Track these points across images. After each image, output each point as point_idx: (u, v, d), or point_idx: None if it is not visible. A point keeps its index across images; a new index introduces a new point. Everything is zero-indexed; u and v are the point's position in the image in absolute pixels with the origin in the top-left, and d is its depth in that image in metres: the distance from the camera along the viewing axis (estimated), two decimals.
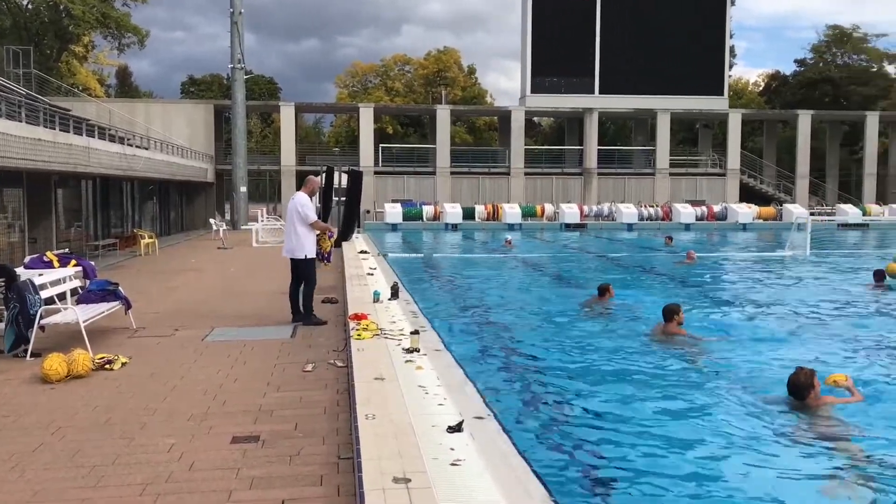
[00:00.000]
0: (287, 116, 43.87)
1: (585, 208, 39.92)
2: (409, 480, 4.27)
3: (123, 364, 7.75)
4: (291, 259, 10.14)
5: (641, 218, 38.76)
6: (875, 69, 65.20)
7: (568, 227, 37.17)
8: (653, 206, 40.84)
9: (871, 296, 14.11)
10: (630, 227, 37.37)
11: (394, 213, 37.21)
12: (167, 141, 32.49)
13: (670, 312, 9.88)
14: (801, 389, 6.48)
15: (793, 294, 15.03)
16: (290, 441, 5.36)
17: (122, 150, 23.14)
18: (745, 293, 15.20)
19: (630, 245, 28.65)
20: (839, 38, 65.00)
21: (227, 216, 39.69)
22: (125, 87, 72.49)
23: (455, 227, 36.37)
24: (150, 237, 22.75)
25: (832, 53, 65.23)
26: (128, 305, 9.81)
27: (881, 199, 46.45)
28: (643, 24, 44.99)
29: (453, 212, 37.36)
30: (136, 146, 26.43)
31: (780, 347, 9.48)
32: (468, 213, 38.11)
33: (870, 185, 47.06)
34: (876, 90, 59.65)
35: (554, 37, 44.80)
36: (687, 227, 37.30)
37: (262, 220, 31.15)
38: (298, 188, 10.59)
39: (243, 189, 36.17)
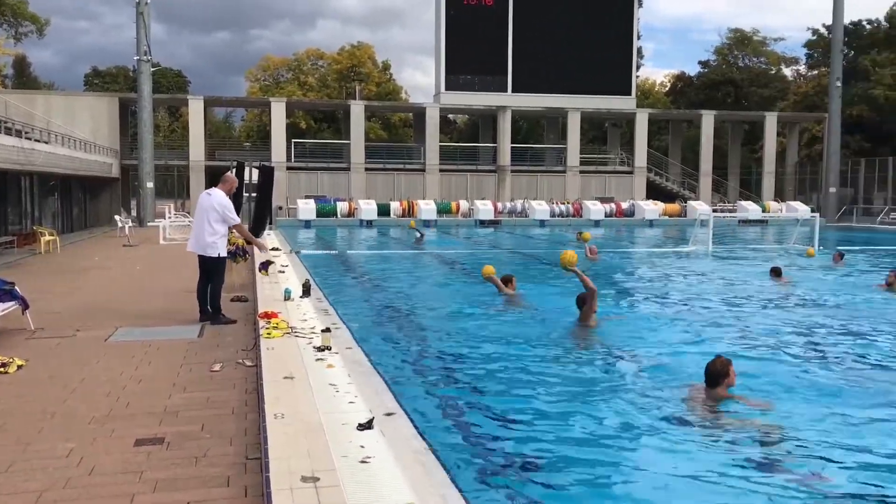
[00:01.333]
0: (196, 110, 42.82)
1: (499, 205, 40.40)
2: (318, 479, 4.25)
3: (20, 367, 7.43)
4: (201, 256, 9.91)
5: (553, 214, 39.50)
6: (774, 71, 68.23)
7: (482, 223, 37.55)
8: (564, 203, 41.66)
9: (769, 290, 14.73)
10: (542, 223, 38.02)
11: (307, 209, 36.82)
12: (69, 135, 31.25)
13: (582, 302, 10.15)
14: (715, 376, 6.71)
15: (695, 287, 15.61)
16: (197, 442, 5.26)
17: (20, 143, 22.13)
18: (651, 286, 15.70)
19: (542, 241, 29.15)
20: (740, 40, 67.71)
21: (133, 213, 38.48)
22: (23, 77, 69.31)
23: (370, 223, 36.26)
24: (51, 234, 21.85)
25: (734, 56, 67.87)
26: (25, 306, 9.41)
27: (779, 196, 48.65)
28: (554, 25, 45.76)
29: (368, 208, 37.24)
30: (36, 140, 25.31)
31: (683, 338, 9.83)
32: (383, 210, 38.04)
33: (769, 183, 49.16)
34: (774, 91, 62.39)
35: (468, 35, 45.12)
36: (597, 223, 38.19)
37: (170, 217, 30.33)
38: (208, 184, 10.37)
39: (150, 185, 35.10)
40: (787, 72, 69.71)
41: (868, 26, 54.49)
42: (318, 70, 73.43)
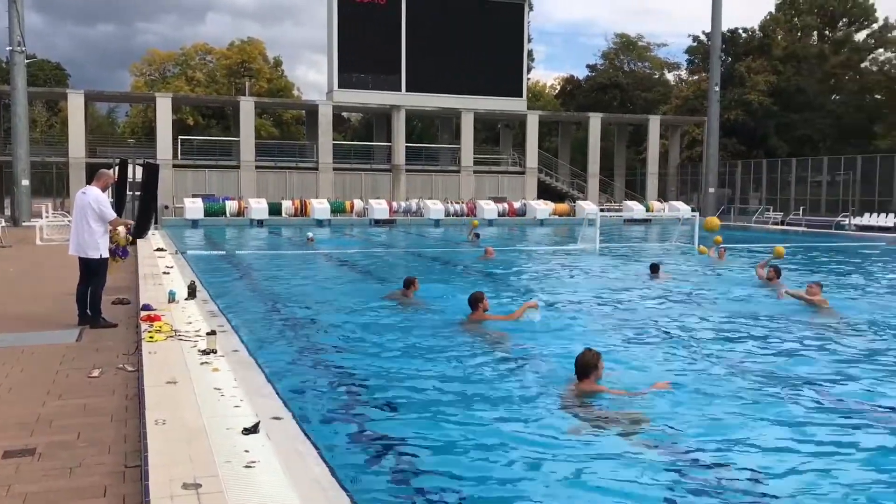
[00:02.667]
0: (76, 105, 40.91)
1: (394, 204, 40.38)
2: (200, 486, 4.15)
3: None
4: (82, 258, 9.49)
5: (448, 214, 39.78)
6: (657, 76, 70.94)
7: (377, 222, 37.45)
8: (458, 203, 42.05)
9: (649, 286, 15.30)
10: (437, 222, 38.25)
11: (194, 208, 35.75)
12: None
13: (475, 301, 10.26)
14: (585, 368, 6.90)
15: (583, 284, 16.05)
16: (72, 452, 5.03)
17: None
18: (542, 284, 16.05)
19: (437, 240, 29.33)
20: (626, 45, 70.09)
21: (8, 212, 36.40)
22: None
23: (261, 223, 35.56)
24: None
25: (620, 60, 70.17)
26: None
27: (662, 196, 50.60)
28: (447, 26, 46.10)
29: (258, 207, 36.50)
30: None
31: (572, 334, 10.07)
32: (274, 209, 37.38)
33: (652, 184, 51.06)
34: (658, 95, 64.85)
35: (361, 33, 44.88)
36: (490, 222, 38.72)
37: (48, 216, 28.86)
38: (89, 182, 9.90)
39: (25, 182, 33.28)
40: (670, 76, 72.67)
41: (744, 34, 57.38)
42: (206, 65, 71.49)
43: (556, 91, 75.27)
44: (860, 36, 61.64)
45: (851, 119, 54.73)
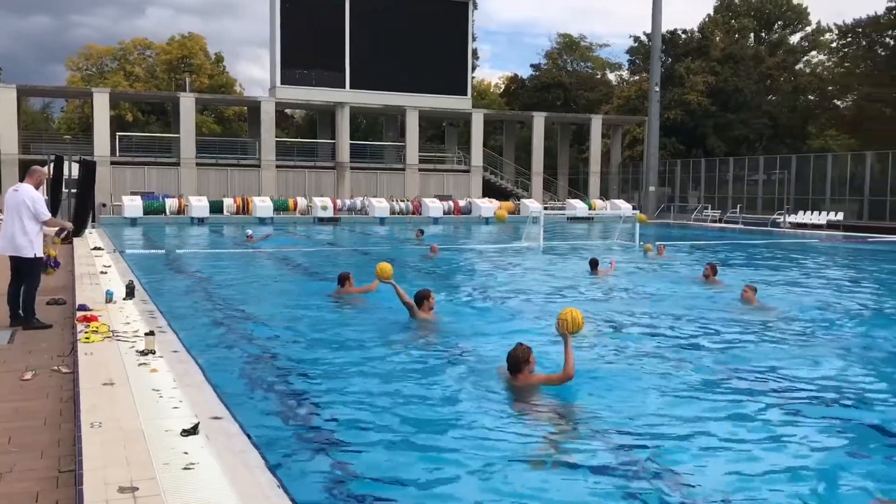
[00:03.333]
0: (7, 100, 39.67)
1: (339, 202, 40.12)
2: (137, 489, 4.07)
3: None
4: (13, 257, 9.20)
5: (393, 212, 39.69)
6: (599, 76, 71.88)
7: (321, 220, 37.16)
8: (404, 201, 41.98)
9: (592, 282, 15.52)
10: (382, 220, 38.13)
11: (133, 206, 34.97)
12: None
13: (421, 298, 10.25)
14: (516, 363, 6.96)
15: (528, 281, 16.18)
16: (2, 458, 4.87)
17: None
18: (487, 281, 16.14)
19: (382, 238, 29.25)
20: (569, 45, 70.84)
21: None
22: None
23: (202, 221, 34.98)
24: None
25: (563, 60, 70.89)
26: None
27: (604, 194, 51.33)
28: (392, 23, 45.99)
29: (199, 205, 35.88)
30: None
31: (516, 330, 10.12)
32: (216, 207, 36.81)
33: (594, 182, 51.74)
34: (600, 95, 65.71)
35: (304, 29, 44.49)
36: (435, 220, 38.75)
37: None
38: (22, 179, 9.60)
39: None
40: (612, 76, 73.70)
41: (683, 36, 58.54)
42: (145, 60, 69.94)
43: (501, 90, 75.71)
44: (794, 38, 63.57)
45: (786, 119, 56.33)
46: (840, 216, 36.84)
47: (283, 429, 6.08)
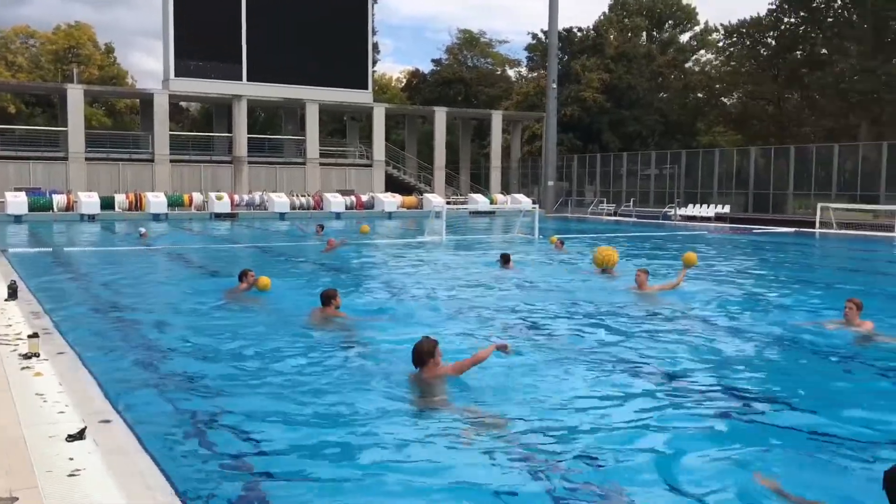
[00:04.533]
0: None
1: (236, 197, 39.26)
2: (17, 499, 3.88)
3: None
4: None
5: (293, 207, 39.15)
6: (499, 72, 72.81)
7: (218, 216, 36.29)
8: (304, 196, 41.45)
9: (498, 276, 15.69)
10: (282, 216, 37.56)
11: (17, 202, 33.24)
12: None
13: (328, 297, 10.11)
14: (421, 356, 6.94)
15: (431, 276, 16.24)
16: None
17: None
18: (390, 277, 16.09)
19: (282, 234, 28.80)
20: (469, 41, 71.45)
21: None
22: None
23: (92, 217, 33.59)
24: None
25: (464, 55, 71.46)
26: None
27: (505, 189, 52.03)
28: (290, 14, 45.26)
29: (89, 201, 34.44)
30: None
31: (421, 325, 10.13)
32: (107, 203, 35.41)
33: (496, 177, 52.39)
34: (500, 91, 66.58)
35: (198, 19, 43.25)
36: (337, 215, 38.44)
37: None
38: None
39: None
40: (511, 73, 74.78)
41: (579, 34, 59.91)
42: (28, 49, 66.55)
43: (403, 84, 75.69)
44: (684, 38, 66.09)
45: (677, 116, 58.51)
46: (727, 209, 38.55)
47: (176, 431, 5.89)
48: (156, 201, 36.09)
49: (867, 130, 44.73)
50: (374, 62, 58.99)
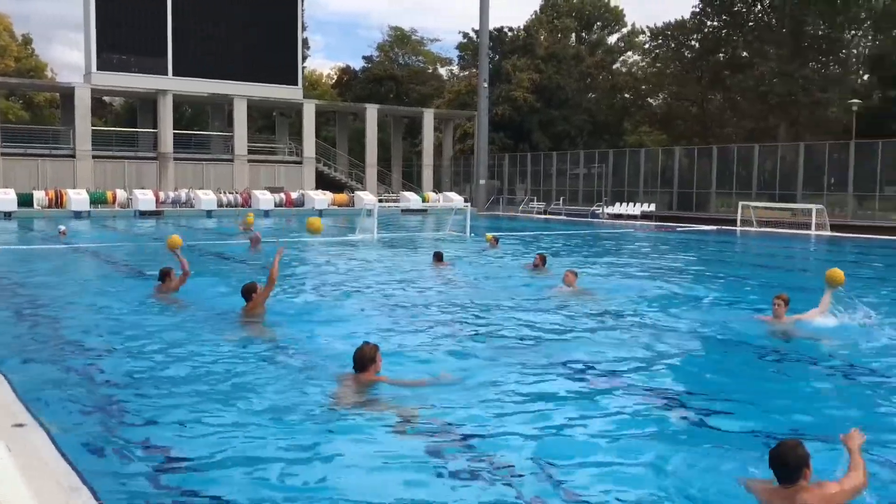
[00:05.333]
0: None
1: (162, 195, 38.35)
2: None
3: None
4: None
5: (221, 205, 38.45)
6: (431, 70, 72.89)
7: (143, 214, 35.39)
8: (232, 193, 40.75)
9: (431, 274, 15.68)
10: (209, 213, 36.84)
11: None
12: None
13: (248, 292, 9.93)
14: (364, 361, 6.88)
15: (363, 274, 16.11)
16: None
17: None
18: (320, 275, 15.92)
19: (209, 232, 28.23)
20: (400, 39, 71.33)
21: None
22: None
23: (8, 215, 32.34)
24: None
25: (395, 53, 71.30)
26: None
27: (437, 187, 52.14)
28: (218, 8, 44.46)
29: (6, 198, 33.16)
30: None
31: (352, 324, 10.05)
32: (25, 200, 34.14)
33: (428, 175, 52.46)
34: (431, 89, 66.68)
35: (122, 11, 42.11)
36: (266, 213, 37.90)
37: None
38: None
39: None
40: (443, 71, 74.96)
41: (510, 33, 60.40)
42: None
43: (334, 81, 75.08)
44: (612, 39, 67.30)
45: (604, 116, 59.56)
46: (652, 207, 39.45)
47: (95, 434, 5.69)
48: (77, 198, 34.97)
49: (785, 132, 46.30)
50: (305, 58, 58.44)
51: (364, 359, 6.87)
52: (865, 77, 51.66)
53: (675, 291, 14.05)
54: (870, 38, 50.97)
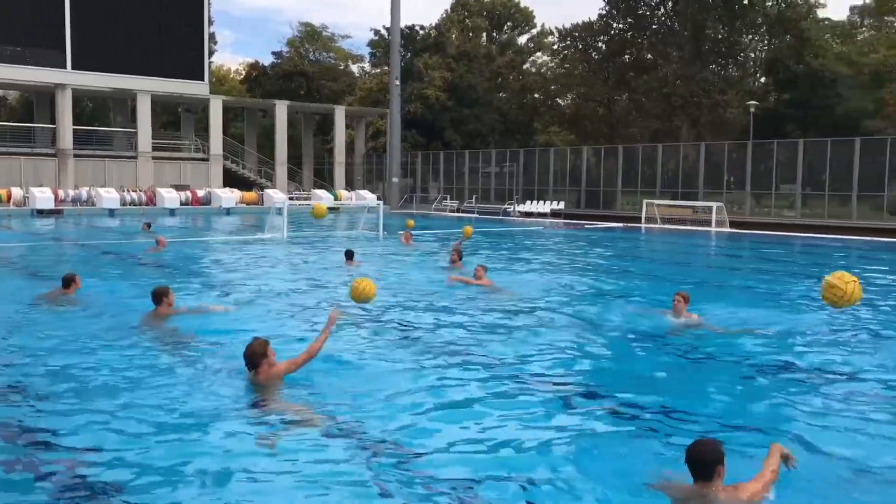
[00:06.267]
0: None
1: (61, 193, 36.80)
2: None
3: None
4: None
5: (124, 203, 37.18)
6: (342, 67, 72.30)
7: (41, 213, 33.90)
8: (136, 191, 39.46)
9: (342, 272, 15.52)
10: (112, 212, 35.58)
11: None
12: None
13: (160, 295, 9.62)
14: (254, 357, 6.76)
15: (270, 274, 15.84)
16: None
17: None
18: (228, 276, 15.58)
19: (111, 232, 27.25)
20: (311, 35, 70.48)
21: None
22: None
23: None
24: None
25: (306, 49, 70.41)
26: None
27: (349, 185, 51.79)
28: (120, 0, 42.94)
29: None
30: None
31: (261, 324, 9.85)
32: None
33: (340, 173, 52.01)
34: (343, 86, 66.16)
35: (17, 0, 40.14)
36: (172, 211, 36.88)
37: None
38: None
39: None
40: (354, 68, 74.47)
41: (421, 31, 60.48)
42: None
43: (242, 76, 73.59)
44: (522, 39, 68.26)
45: (515, 115, 60.33)
46: (562, 205, 40.23)
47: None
48: None
49: (688, 132, 47.96)
50: (212, 53, 57.10)
51: (255, 355, 6.76)
52: (762, 80, 54.08)
53: (583, 287, 14.36)
54: (766, 42, 53.35)
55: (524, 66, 65.93)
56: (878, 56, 49.29)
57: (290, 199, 38.63)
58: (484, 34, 65.78)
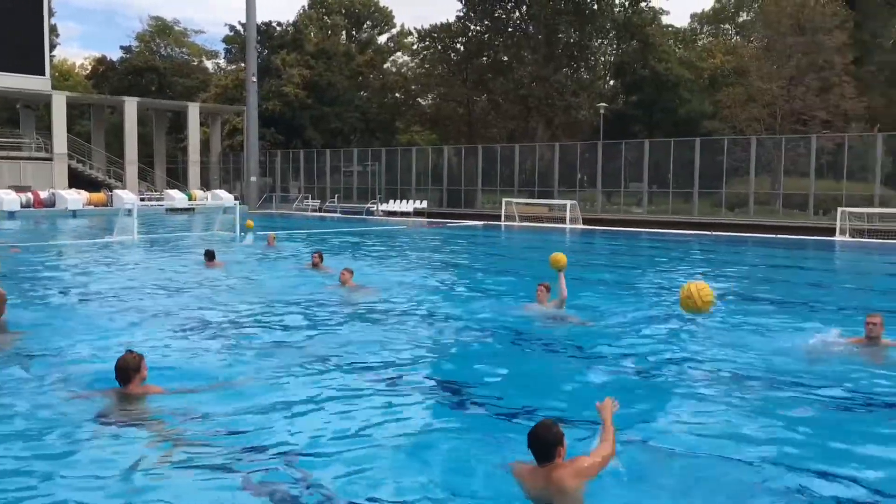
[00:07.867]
0: None
1: None
2: None
3: None
4: None
5: None
6: (196, 63, 69.90)
7: None
8: None
9: (201, 274, 15.02)
10: None
11: None
12: None
13: (124, 371, 8.94)
14: (128, 372, 6.37)
15: (120, 278, 15.11)
16: None
17: None
18: (73, 281, 14.75)
19: None
20: (162, 29, 67.75)
21: None
22: None
23: None
24: None
25: (157, 44, 67.59)
26: None
27: (205, 185, 50.16)
28: None
29: None
30: None
31: (113, 332, 9.40)
32: None
33: (194, 172, 50.27)
34: (196, 82, 63.98)
35: None
36: (11, 214, 34.50)
37: None
38: None
39: None
40: (209, 64, 72.17)
41: (278, 28, 59.35)
42: None
43: (88, 72, 69.77)
44: (382, 39, 68.31)
45: (376, 114, 60.28)
46: (424, 204, 40.63)
47: None
48: None
49: (543, 132, 49.50)
50: (53, 46, 53.82)
51: (129, 369, 6.38)
52: (611, 82, 56.64)
53: (446, 284, 14.61)
54: (614, 46, 55.90)
55: (384, 66, 66.01)
56: (715, 61, 52.82)
57: (142, 199, 37.06)
58: (343, 32, 65.36)
